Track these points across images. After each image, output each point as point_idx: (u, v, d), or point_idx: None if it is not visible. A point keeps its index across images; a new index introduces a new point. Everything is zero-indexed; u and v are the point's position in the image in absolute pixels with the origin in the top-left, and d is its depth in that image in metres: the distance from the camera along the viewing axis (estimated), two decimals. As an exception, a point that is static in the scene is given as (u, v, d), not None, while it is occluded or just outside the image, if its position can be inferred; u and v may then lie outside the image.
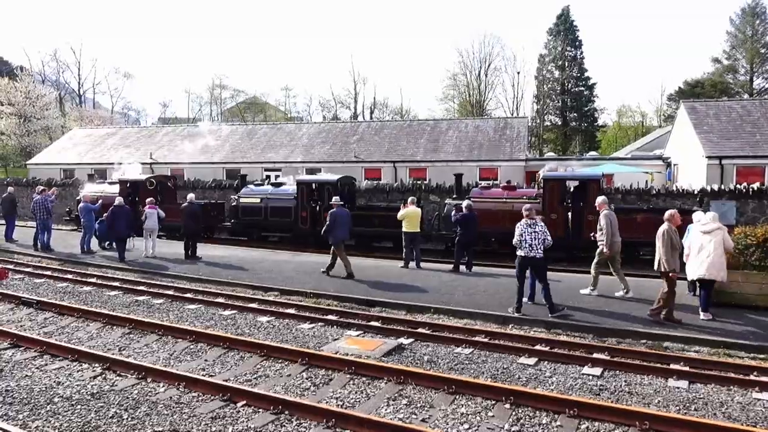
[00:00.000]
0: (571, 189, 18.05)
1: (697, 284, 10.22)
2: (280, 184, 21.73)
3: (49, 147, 42.48)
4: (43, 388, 6.88)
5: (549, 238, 10.25)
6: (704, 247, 9.71)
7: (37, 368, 7.62)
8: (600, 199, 11.95)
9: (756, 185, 19.25)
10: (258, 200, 20.86)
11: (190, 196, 16.69)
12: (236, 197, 21.48)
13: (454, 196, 19.02)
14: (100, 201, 18.72)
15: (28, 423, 5.96)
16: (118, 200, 16.82)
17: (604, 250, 11.25)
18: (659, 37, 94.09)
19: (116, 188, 22.58)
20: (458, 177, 19.72)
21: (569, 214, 17.25)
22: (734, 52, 55.33)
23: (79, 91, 68.05)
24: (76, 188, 29.20)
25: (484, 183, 21.92)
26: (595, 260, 11.65)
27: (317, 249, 18.86)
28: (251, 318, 10.28)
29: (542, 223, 10.41)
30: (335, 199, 14.26)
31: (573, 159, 32.88)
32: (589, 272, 11.88)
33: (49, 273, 14.38)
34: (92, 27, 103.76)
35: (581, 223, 16.99)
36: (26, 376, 7.33)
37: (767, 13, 52.73)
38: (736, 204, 18.41)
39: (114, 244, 16.92)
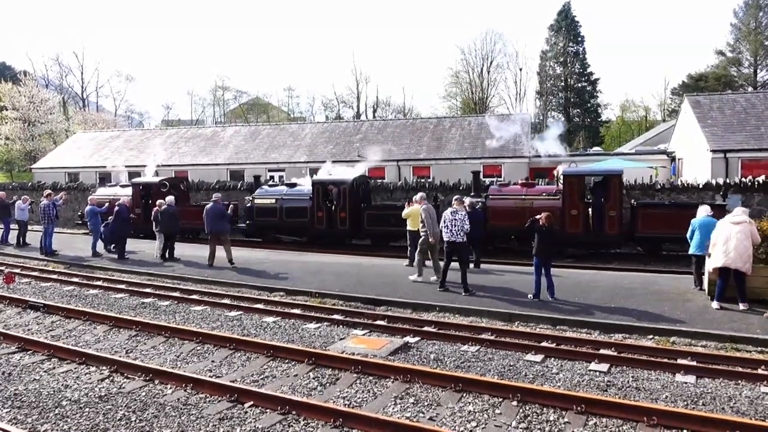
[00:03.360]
0: (592, 184, 17.82)
1: (705, 272, 10.19)
2: (294, 185, 21.56)
3: (53, 151, 42.68)
4: (51, 392, 6.91)
5: (467, 225, 11.66)
6: (731, 238, 9.73)
7: (44, 372, 7.65)
8: (419, 195, 13.51)
9: (761, 178, 19.14)
10: (273, 201, 20.69)
11: (169, 198, 16.71)
12: (250, 198, 21.33)
13: (472, 193, 18.94)
14: (107, 204, 18.80)
15: (37, 427, 5.98)
16: (122, 200, 17.02)
17: (430, 239, 12.48)
18: (662, 31, 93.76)
19: (128, 191, 22.60)
20: (476, 174, 19.64)
21: (590, 210, 17.04)
22: (738, 44, 55.07)
23: (82, 94, 68.40)
24: (83, 192, 29.34)
25: (501, 180, 21.78)
26: (418, 249, 12.90)
27: (334, 249, 18.78)
28: (257, 318, 10.30)
29: (463, 212, 11.78)
30: (215, 196, 15.64)
31: (577, 155, 32.80)
32: (598, 268, 11.93)
33: (55, 277, 14.44)
34: (94, 31, 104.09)
35: (603, 219, 16.77)
36: (34, 379, 7.36)
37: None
38: (741, 197, 18.32)
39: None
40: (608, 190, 16.82)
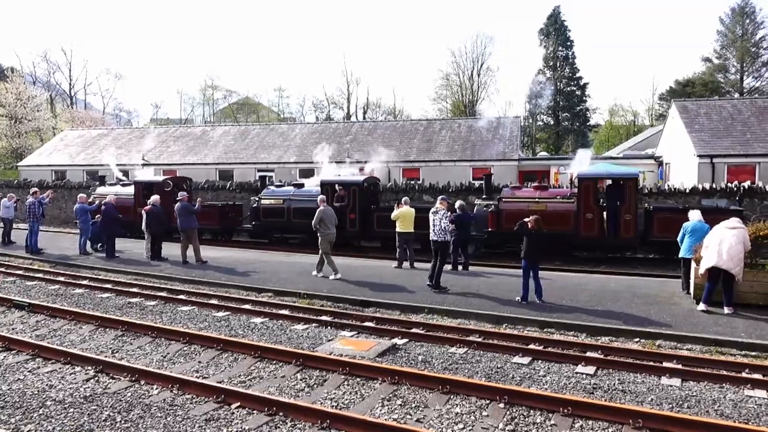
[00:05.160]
0: (607, 188, 17.71)
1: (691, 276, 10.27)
2: (301, 185, 21.34)
3: (40, 149, 42.22)
4: (36, 392, 6.84)
5: (445, 223, 12.30)
6: (724, 241, 9.84)
7: (29, 371, 7.57)
8: (319, 198, 14.52)
9: (747, 184, 19.39)
10: (280, 201, 20.43)
11: (155, 198, 16.60)
12: (257, 198, 21.05)
13: (484, 196, 18.85)
14: (96, 201, 18.69)
15: (21, 427, 5.92)
16: (109, 198, 16.92)
17: (328, 240, 13.46)
18: (650, 37, 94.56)
19: (130, 190, 22.32)
20: (488, 177, 19.56)
21: (604, 213, 16.92)
22: (724, 51, 55.61)
23: (70, 92, 67.58)
24: (69, 190, 29.08)
25: (514, 183, 21.71)
26: (321, 250, 13.57)
27: (345, 251, 18.30)
28: (245, 319, 10.25)
29: (443, 212, 12.35)
30: (181, 194, 15.87)
31: (566, 158, 33.00)
32: (586, 271, 12.04)
33: (40, 275, 14.30)
34: (83, 28, 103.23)
35: (618, 223, 16.66)
36: (18, 379, 7.28)
37: (756, 13, 53.17)
38: (728, 203, 18.52)
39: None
40: (623, 193, 16.69)
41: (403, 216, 14.50)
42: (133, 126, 59.84)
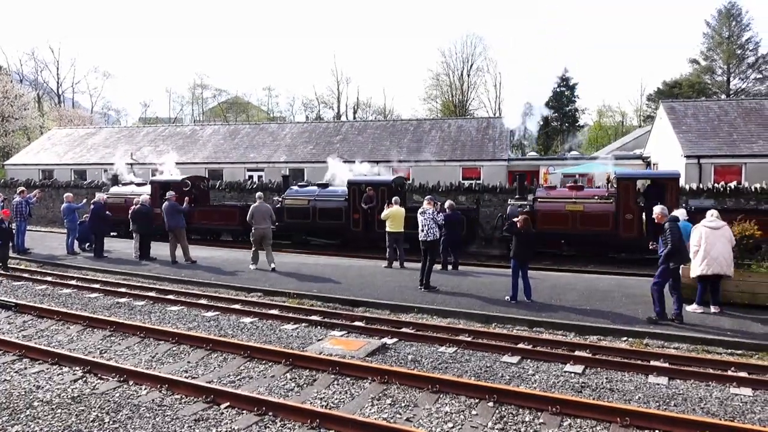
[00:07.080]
0: (646, 188, 17.59)
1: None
2: (326, 185, 21.11)
3: (27, 147, 41.83)
4: (23, 393, 6.78)
5: (439, 218, 12.54)
6: (715, 244, 9.81)
7: (16, 372, 7.50)
8: (257, 195, 14.99)
9: (733, 184, 19.60)
10: (305, 202, 20.05)
11: (144, 197, 16.48)
12: (280, 199, 20.77)
13: (517, 196, 18.72)
14: (84, 200, 18.56)
15: (7, 428, 5.87)
16: (98, 196, 16.83)
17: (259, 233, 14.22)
18: (639, 38, 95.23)
19: (143, 190, 22.03)
20: (520, 176, 19.42)
21: (643, 214, 16.67)
22: (711, 53, 56.10)
23: (57, 90, 66.95)
24: (57, 189, 28.83)
25: (547, 183, 21.61)
26: (252, 240, 14.33)
27: (370, 254, 17.97)
28: (234, 319, 10.22)
29: (431, 211, 12.42)
30: (168, 194, 15.81)
31: (555, 158, 33.20)
32: (575, 271, 12.10)
33: (27, 275, 14.18)
34: (71, 25, 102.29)
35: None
36: (5, 380, 7.21)
37: (742, 15, 53.70)
38: (714, 203, 18.70)
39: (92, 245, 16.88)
40: (665, 193, 16.43)
41: (393, 216, 14.52)
42: (121, 125, 59.41)
